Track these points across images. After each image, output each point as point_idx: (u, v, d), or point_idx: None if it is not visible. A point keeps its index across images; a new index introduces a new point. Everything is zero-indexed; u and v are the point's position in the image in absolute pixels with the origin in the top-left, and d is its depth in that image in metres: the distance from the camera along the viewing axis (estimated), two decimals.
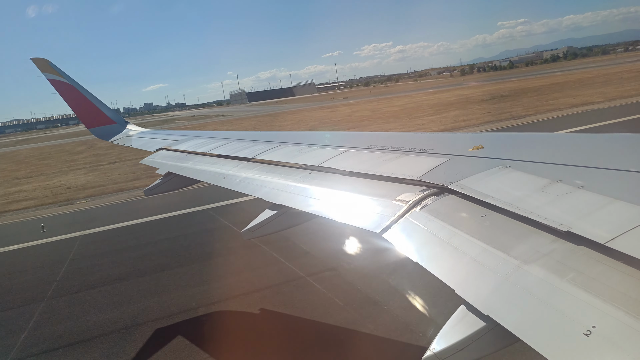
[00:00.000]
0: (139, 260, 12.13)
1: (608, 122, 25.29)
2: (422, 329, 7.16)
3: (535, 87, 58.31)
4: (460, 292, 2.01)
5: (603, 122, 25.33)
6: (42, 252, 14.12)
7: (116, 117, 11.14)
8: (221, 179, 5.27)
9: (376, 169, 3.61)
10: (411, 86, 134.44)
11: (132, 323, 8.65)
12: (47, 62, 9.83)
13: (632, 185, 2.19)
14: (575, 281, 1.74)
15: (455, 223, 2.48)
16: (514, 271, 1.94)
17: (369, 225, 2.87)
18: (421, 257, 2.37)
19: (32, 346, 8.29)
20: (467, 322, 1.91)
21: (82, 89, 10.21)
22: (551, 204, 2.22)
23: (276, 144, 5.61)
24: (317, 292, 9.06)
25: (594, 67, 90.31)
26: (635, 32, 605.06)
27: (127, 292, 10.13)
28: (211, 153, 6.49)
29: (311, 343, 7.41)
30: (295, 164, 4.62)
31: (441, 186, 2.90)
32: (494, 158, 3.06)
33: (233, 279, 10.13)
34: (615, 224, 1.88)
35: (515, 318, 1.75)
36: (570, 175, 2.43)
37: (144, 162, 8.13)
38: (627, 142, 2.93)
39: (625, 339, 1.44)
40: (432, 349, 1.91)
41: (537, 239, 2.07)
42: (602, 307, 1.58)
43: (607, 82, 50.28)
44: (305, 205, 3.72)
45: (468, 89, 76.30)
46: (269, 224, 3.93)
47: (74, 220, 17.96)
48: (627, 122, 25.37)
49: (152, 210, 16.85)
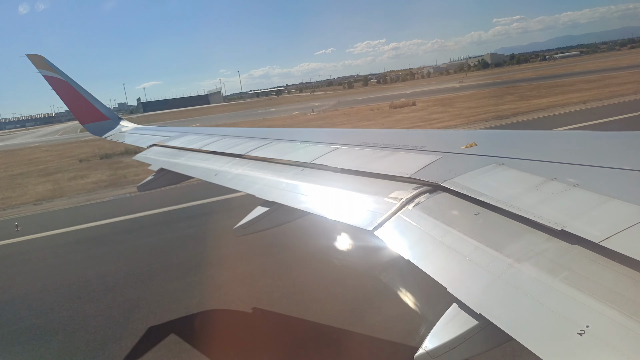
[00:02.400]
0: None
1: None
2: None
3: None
4: (453, 290, 1.99)
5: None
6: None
7: (110, 113, 11.11)
8: (213, 176, 5.24)
9: (369, 166, 3.58)
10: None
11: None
12: (42, 59, 9.78)
13: (627, 183, 2.17)
14: (569, 280, 1.72)
15: (449, 221, 2.46)
16: (507, 269, 1.92)
17: (361, 222, 2.84)
18: (413, 255, 2.34)
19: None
20: (459, 321, 1.89)
21: (77, 86, 10.17)
22: (545, 202, 2.20)
23: (269, 140, 5.57)
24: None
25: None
26: (633, 29, 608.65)
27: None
28: (204, 149, 6.46)
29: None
30: (287, 160, 4.59)
31: (434, 184, 2.87)
32: (487, 156, 3.03)
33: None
34: (610, 222, 1.86)
35: (508, 317, 1.73)
36: (564, 174, 2.41)
37: (136, 158, 8.09)
38: (622, 140, 2.92)
39: (619, 338, 1.42)
40: (424, 347, 1.89)
41: (530, 237, 2.04)
42: (596, 306, 1.56)
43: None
44: (298, 202, 3.69)
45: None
46: (261, 220, 3.90)
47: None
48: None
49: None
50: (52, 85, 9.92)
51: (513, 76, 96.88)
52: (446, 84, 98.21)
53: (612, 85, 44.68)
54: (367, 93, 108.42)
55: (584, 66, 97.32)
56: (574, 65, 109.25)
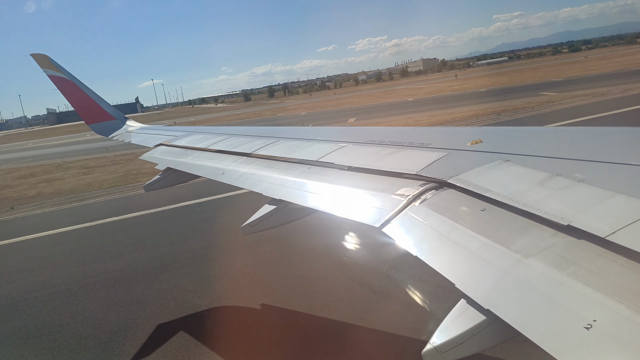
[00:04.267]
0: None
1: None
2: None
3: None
4: (460, 285, 2.00)
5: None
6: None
7: (115, 113, 11.13)
8: (220, 174, 5.27)
9: (375, 164, 3.60)
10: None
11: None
12: (46, 58, 9.80)
13: (632, 178, 2.18)
14: (575, 275, 1.73)
15: (455, 217, 2.47)
16: (514, 265, 1.94)
17: (369, 219, 2.86)
18: (421, 251, 2.36)
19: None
20: (467, 316, 1.91)
21: (82, 85, 10.19)
22: (551, 197, 2.21)
23: (275, 139, 5.60)
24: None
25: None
26: (632, 24, 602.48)
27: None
28: (210, 148, 6.50)
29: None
30: (294, 158, 4.61)
31: (440, 180, 2.89)
32: (493, 152, 3.05)
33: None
34: (615, 217, 1.88)
35: (515, 312, 1.75)
36: (570, 169, 2.42)
37: (143, 157, 8.15)
38: (627, 136, 2.92)
39: (626, 332, 1.43)
40: (432, 343, 1.91)
41: (537, 232, 2.06)
42: (603, 300, 1.57)
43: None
44: (305, 200, 3.71)
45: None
46: (269, 218, 3.93)
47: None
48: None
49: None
50: (56, 84, 9.94)
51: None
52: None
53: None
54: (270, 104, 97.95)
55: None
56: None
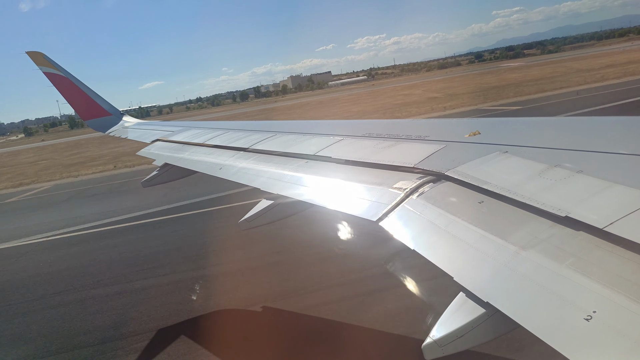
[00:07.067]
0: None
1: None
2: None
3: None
4: (459, 279, 1.99)
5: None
6: None
7: (112, 109, 11.10)
8: (217, 170, 5.25)
9: (372, 157, 3.58)
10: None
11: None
12: (42, 55, 9.78)
13: (630, 169, 2.17)
14: (574, 266, 1.72)
15: (453, 210, 2.46)
16: (513, 257, 1.93)
17: (366, 213, 2.85)
18: (419, 245, 2.35)
19: None
20: (466, 309, 1.90)
21: (78, 82, 10.17)
22: (549, 189, 2.20)
23: (272, 133, 5.57)
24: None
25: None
26: (634, 17, 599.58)
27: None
28: (207, 144, 6.47)
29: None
30: (291, 153, 4.59)
31: (438, 173, 2.87)
32: (490, 144, 3.03)
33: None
34: (613, 208, 1.87)
35: (514, 304, 1.74)
36: (568, 160, 2.41)
37: (140, 153, 8.11)
38: (625, 126, 2.90)
39: (626, 323, 1.43)
40: (431, 336, 1.90)
41: (535, 224, 2.05)
42: (602, 291, 1.57)
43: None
44: (302, 194, 3.70)
45: None
46: (266, 213, 3.91)
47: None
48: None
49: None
50: (52, 81, 9.91)
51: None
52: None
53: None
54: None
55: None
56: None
